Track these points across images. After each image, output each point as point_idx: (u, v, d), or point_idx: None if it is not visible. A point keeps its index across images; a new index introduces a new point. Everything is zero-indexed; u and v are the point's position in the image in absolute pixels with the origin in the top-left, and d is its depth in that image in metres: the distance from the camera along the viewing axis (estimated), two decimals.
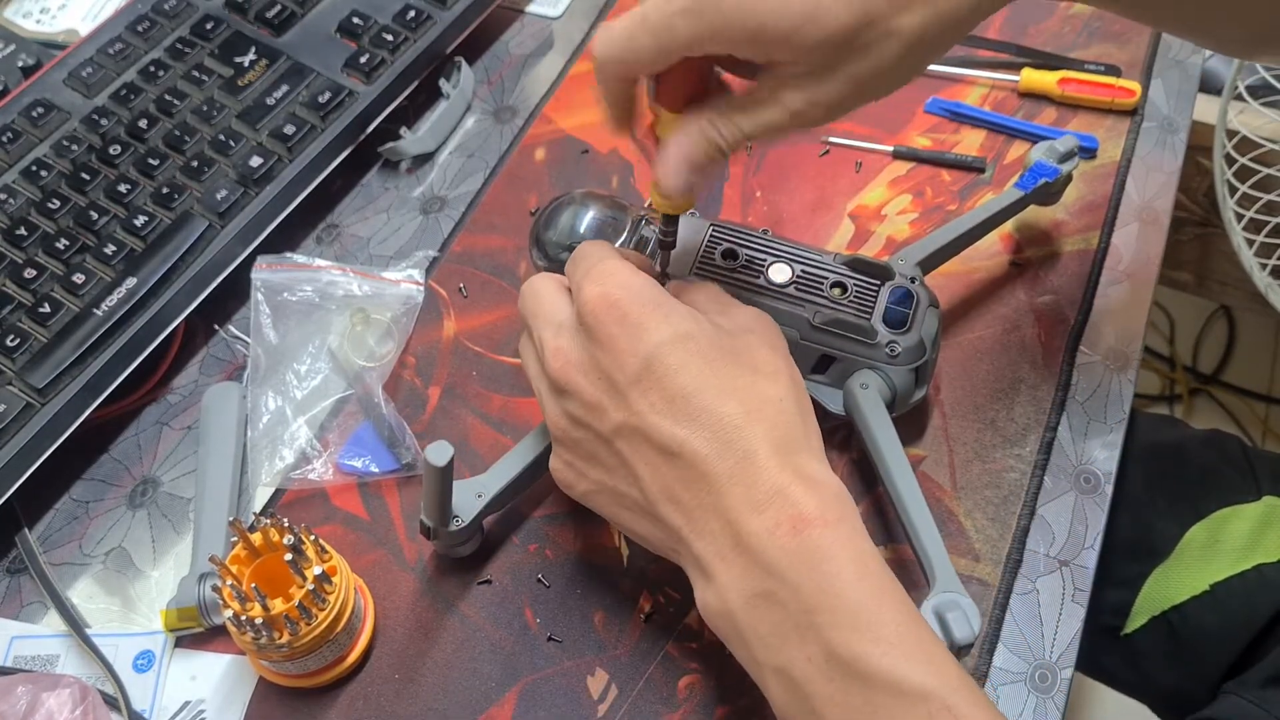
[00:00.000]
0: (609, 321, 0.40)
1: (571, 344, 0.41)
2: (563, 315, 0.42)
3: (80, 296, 0.54)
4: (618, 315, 0.40)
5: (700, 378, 0.39)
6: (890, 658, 0.34)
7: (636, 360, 0.39)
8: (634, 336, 0.39)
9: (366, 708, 0.46)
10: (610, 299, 0.40)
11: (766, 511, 0.37)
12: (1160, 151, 0.62)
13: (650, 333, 0.39)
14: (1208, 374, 1.38)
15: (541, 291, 0.44)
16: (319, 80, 0.62)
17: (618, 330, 0.40)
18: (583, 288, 0.41)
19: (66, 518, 0.53)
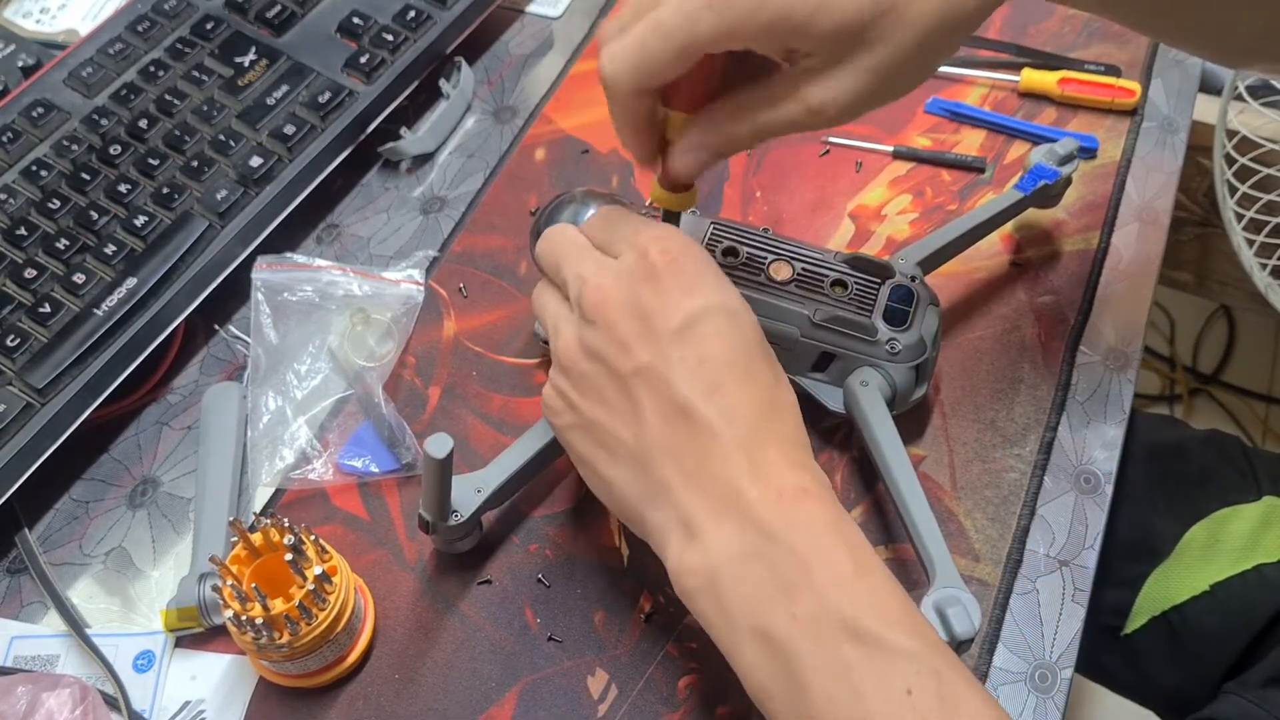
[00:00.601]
0: (668, 269, 0.40)
1: (616, 280, 0.40)
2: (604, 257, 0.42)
3: (80, 296, 0.54)
4: (678, 266, 0.40)
5: (734, 354, 0.39)
6: (879, 620, 0.35)
7: (682, 314, 0.39)
8: (688, 291, 0.39)
9: (366, 708, 0.46)
10: (675, 248, 0.40)
11: (768, 481, 0.37)
12: (1160, 151, 0.62)
13: (704, 293, 0.40)
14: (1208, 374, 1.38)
15: (574, 237, 0.44)
16: (319, 80, 0.62)
17: (673, 280, 0.40)
18: (641, 231, 0.41)
19: (66, 518, 0.53)
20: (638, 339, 0.39)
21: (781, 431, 0.39)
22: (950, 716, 0.33)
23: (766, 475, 0.37)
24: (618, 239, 0.42)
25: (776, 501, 0.37)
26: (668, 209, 0.45)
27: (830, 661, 0.34)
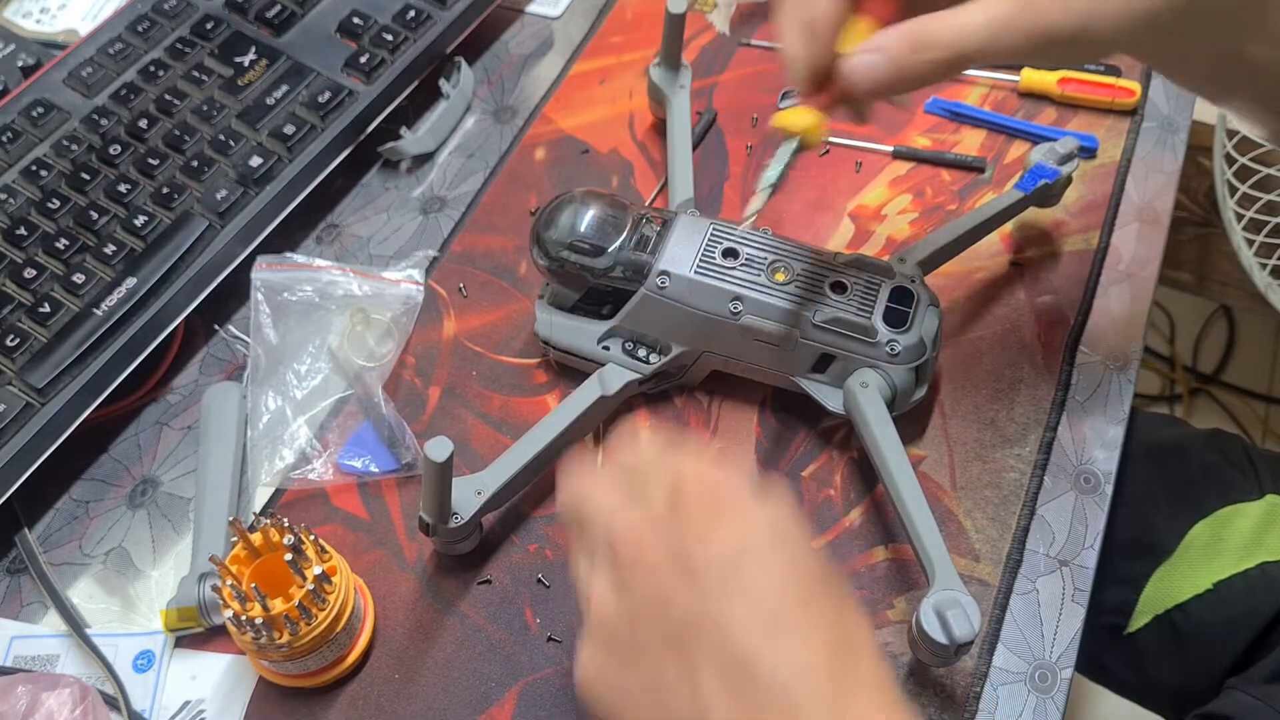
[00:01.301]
0: (707, 503, 0.35)
1: (650, 524, 0.35)
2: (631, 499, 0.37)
3: (80, 296, 0.54)
4: (715, 496, 0.35)
5: (793, 584, 0.34)
6: None
7: (730, 551, 0.34)
8: (731, 522, 0.35)
9: (366, 707, 0.46)
10: (710, 475, 0.36)
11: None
12: (1160, 151, 0.62)
13: (749, 522, 0.35)
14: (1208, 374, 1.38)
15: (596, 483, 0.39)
16: (319, 80, 0.62)
17: (714, 515, 0.35)
18: (669, 462, 0.37)
19: (66, 518, 0.53)
20: (682, 583, 0.34)
21: (863, 671, 0.34)
22: None
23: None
24: (645, 474, 0.37)
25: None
26: (803, 136, 0.41)
27: None
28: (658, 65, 0.62)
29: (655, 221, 0.52)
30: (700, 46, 0.69)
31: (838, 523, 0.50)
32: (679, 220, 0.51)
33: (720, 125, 0.65)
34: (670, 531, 0.35)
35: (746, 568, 0.34)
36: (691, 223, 0.51)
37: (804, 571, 0.35)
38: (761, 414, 0.53)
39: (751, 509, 0.36)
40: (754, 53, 0.68)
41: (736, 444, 0.53)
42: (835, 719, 0.32)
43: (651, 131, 0.65)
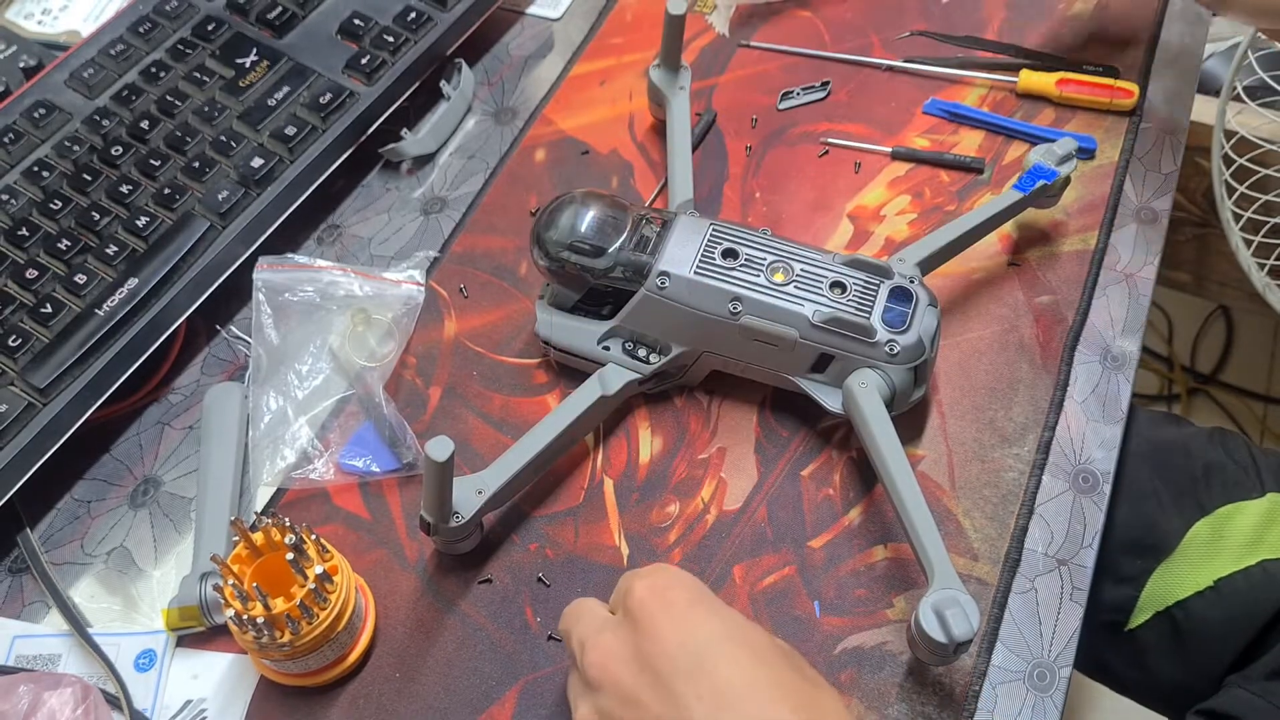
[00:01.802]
0: (657, 611, 0.38)
1: (614, 637, 0.39)
2: (605, 617, 0.41)
3: (82, 297, 0.54)
4: (666, 605, 0.38)
5: (754, 676, 0.36)
6: None
7: (686, 653, 0.37)
8: (685, 628, 0.37)
9: (367, 706, 0.47)
10: (658, 589, 0.39)
11: None
12: (1158, 152, 0.62)
13: (702, 624, 0.38)
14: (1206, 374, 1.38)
15: (584, 604, 0.42)
16: (320, 81, 0.62)
17: (666, 621, 0.38)
18: (633, 586, 0.40)
19: (68, 517, 0.53)
20: (649, 690, 0.37)
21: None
22: None
23: None
24: (617, 594, 0.41)
25: None
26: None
27: None
28: (657, 66, 0.62)
29: (655, 222, 0.52)
30: (700, 48, 0.69)
31: (837, 522, 0.50)
32: (679, 221, 0.52)
33: (720, 126, 0.65)
34: (632, 640, 0.38)
35: (707, 667, 0.36)
36: (691, 223, 0.51)
37: (766, 665, 0.37)
38: (761, 414, 0.54)
39: (705, 611, 0.38)
40: (753, 54, 0.68)
41: (736, 444, 0.53)
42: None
43: (651, 132, 0.65)
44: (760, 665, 0.37)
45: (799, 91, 0.66)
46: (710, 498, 0.51)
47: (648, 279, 0.50)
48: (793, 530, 0.50)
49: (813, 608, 0.48)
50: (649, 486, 0.52)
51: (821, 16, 0.70)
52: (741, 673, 0.36)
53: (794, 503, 0.51)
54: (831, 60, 0.67)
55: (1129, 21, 0.67)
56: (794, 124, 0.64)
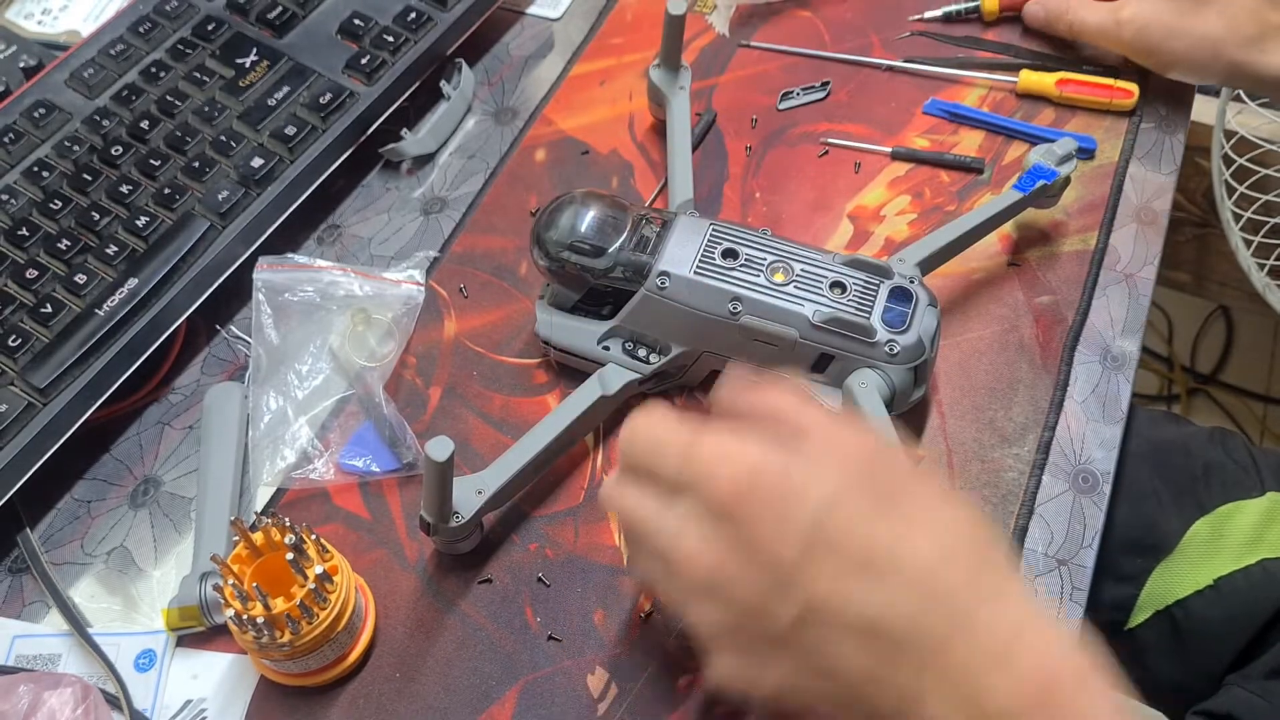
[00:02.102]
0: (752, 501, 0.34)
1: (708, 537, 0.35)
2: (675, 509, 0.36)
3: (82, 297, 0.54)
4: (757, 492, 0.34)
5: (875, 527, 0.34)
6: None
7: (799, 534, 0.34)
8: (786, 507, 0.34)
9: (367, 706, 0.47)
10: (742, 478, 0.35)
11: (1004, 669, 0.32)
12: (1158, 152, 0.62)
13: (806, 497, 0.34)
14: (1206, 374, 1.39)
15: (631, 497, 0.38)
16: (320, 81, 0.62)
17: (765, 508, 0.34)
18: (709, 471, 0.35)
19: (68, 517, 0.53)
20: (774, 586, 0.34)
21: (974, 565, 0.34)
22: None
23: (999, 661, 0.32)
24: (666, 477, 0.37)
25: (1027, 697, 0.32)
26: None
27: None
28: (657, 67, 0.62)
29: (655, 222, 0.52)
30: (700, 48, 0.69)
31: None
32: (679, 221, 0.52)
33: (720, 126, 0.65)
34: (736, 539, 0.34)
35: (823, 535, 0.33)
36: (691, 223, 0.51)
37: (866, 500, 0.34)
38: None
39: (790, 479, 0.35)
40: (753, 54, 0.68)
41: None
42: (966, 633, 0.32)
43: (651, 132, 0.65)
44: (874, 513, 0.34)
45: (799, 91, 0.66)
46: None
47: (648, 279, 0.50)
48: None
49: None
50: None
51: (821, 16, 0.70)
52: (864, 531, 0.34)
53: None
54: (831, 60, 0.67)
55: None
56: (794, 124, 0.64)
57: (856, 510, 0.34)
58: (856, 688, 0.34)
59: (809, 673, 0.34)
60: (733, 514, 0.35)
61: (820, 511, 0.34)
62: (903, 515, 0.35)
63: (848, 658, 0.33)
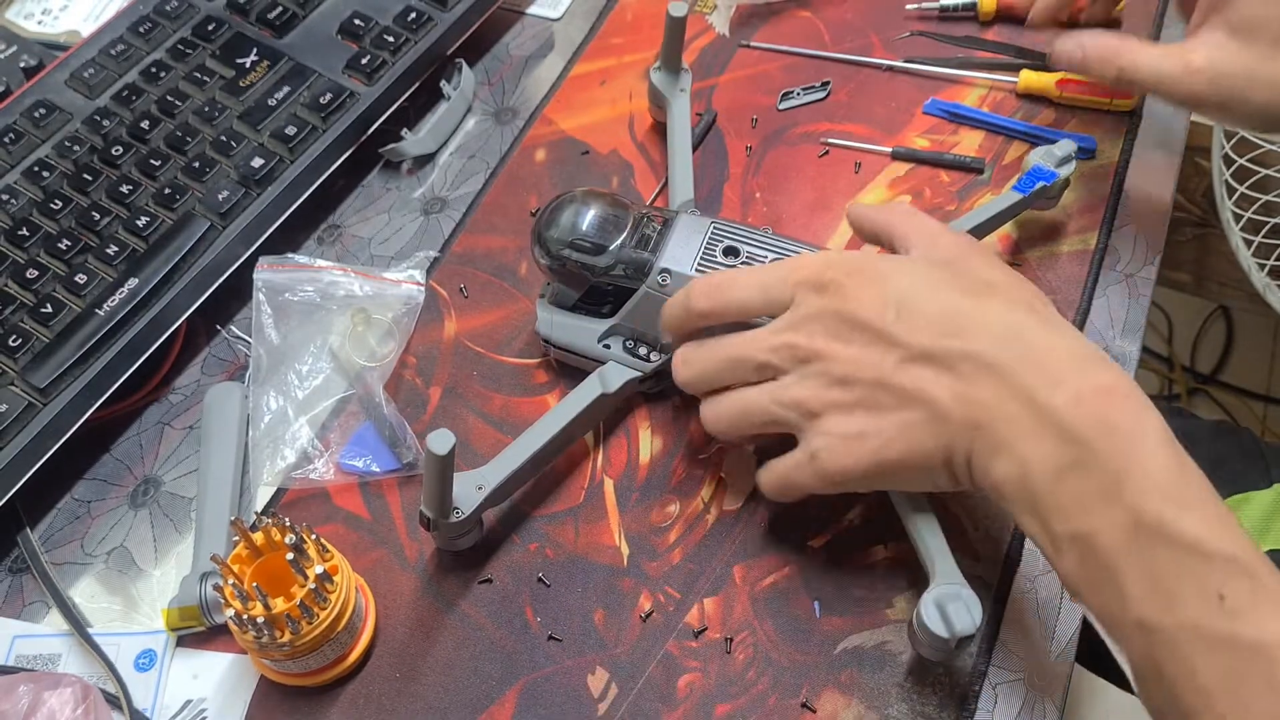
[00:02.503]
0: (848, 280, 0.43)
1: (816, 317, 0.43)
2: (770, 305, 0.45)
3: (82, 297, 0.54)
4: (855, 273, 0.43)
5: (952, 295, 0.42)
6: (1195, 522, 0.35)
7: (888, 303, 0.42)
8: (877, 284, 0.43)
9: (368, 706, 0.47)
10: (845, 263, 0.44)
11: (1065, 385, 0.38)
12: (1158, 152, 0.62)
13: (891, 276, 0.43)
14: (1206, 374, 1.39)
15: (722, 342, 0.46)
16: (320, 81, 0.62)
17: (859, 283, 0.43)
18: (801, 263, 0.45)
19: (68, 517, 0.53)
20: (872, 345, 0.42)
21: (1040, 319, 0.41)
22: (1262, 619, 0.34)
23: (1061, 379, 0.38)
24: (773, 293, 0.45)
25: (1078, 405, 0.37)
26: None
27: (1146, 567, 0.35)
28: (658, 69, 0.62)
29: (656, 220, 0.52)
30: (700, 48, 0.69)
31: (837, 522, 0.50)
32: (680, 219, 0.52)
33: (720, 126, 0.65)
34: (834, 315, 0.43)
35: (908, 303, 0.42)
36: (692, 221, 0.51)
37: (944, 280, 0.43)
38: None
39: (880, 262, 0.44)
40: (754, 54, 0.68)
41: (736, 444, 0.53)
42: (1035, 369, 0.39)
43: (651, 133, 0.65)
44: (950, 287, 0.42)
45: (799, 92, 0.66)
46: (710, 498, 0.51)
47: (649, 276, 0.50)
48: (793, 530, 0.50)
49: (813, 608, 0.48)
50: (649, 486, 0.52)
51: (821, 16, 0.70)
52: (943, 299, 0.42)
53: (794, 503, 0.51)
54: (831, 60, 0.67)
55: (1129, 21, 0.67)
56: (794, 124, 0.64)
57: (935, 286, 0.42)
58: (949, 410, 0.40)
59: (907, 407, 0.41)
60: (834, 292, 0.43)
61: (906, 287, 0.42)
62: (980, 290, 0.42)
63: (941, 383, 0.40)
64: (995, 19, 0.68)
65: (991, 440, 0.39)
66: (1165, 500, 0.35)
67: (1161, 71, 0.50)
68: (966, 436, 0.40)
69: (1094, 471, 0.37)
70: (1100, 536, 0.36)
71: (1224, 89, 0.49)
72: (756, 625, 0.48)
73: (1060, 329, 0.41)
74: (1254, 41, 0.48)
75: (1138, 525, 0.35)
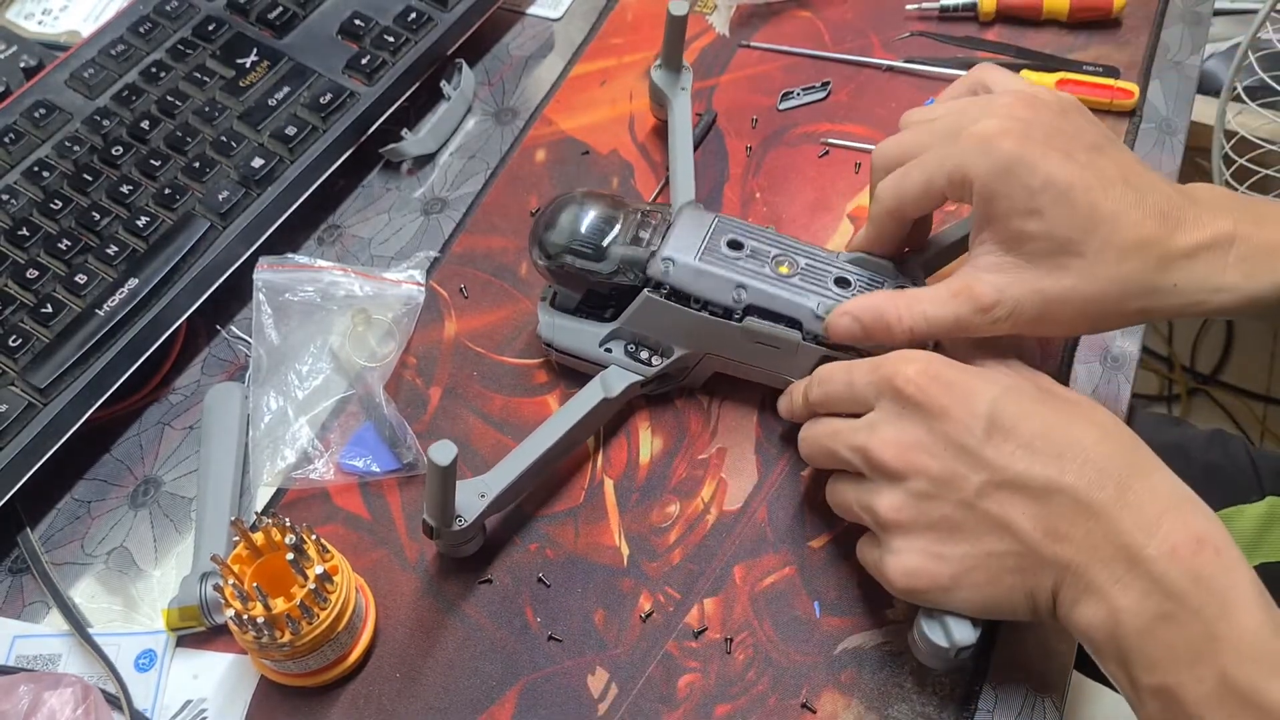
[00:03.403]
0: (939, 393, 0.41)
1: (898, 428, 0.41)
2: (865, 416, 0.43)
3: (82, 297, 0.54)
4: (944, 385, 0.41)
5: (1044, 418, 0.40)
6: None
7: (979, 420, 0.40)
8: (968, 399, 0.40)
9: (368, 706, 0.47)
10: (931, 372, 0.41)
11: (1159, 533, 0.37)
12: (1159, 152, 0.62)
13: (981, 392, 0.41)
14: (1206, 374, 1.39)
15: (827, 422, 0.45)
16: (320, 81, 0.62)
17: (950, 398, 0.40)
18: (895, 371, 0.42)
19: (68, 517, 0.53)
20: (960, 464, 0.40)
21: (1132, 455, 0.39)
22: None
23: (1155, 526, 0.37)
24: (856, 392, 0.43)
25: (1172, 557, 0.36)
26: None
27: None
28: (659, 68, 0.62)
29: (654, 217, 0.52)
30: (700, 48, 0.69)
31: (837, 522, 0.50)
32: (684, 212, 0.52)
33: (720, 126, 0.65)
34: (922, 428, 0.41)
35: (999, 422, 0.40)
36: (696, 215, 0.51)
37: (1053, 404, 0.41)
38: (761, 414, 0.54)
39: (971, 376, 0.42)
40: (754, 54, 0.68)
41: (736, 444, 0.53)
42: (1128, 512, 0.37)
43: (652, 133, 0.65)
44: (1042, 407, 0.41)
45: (799, 92, 0.66)
46: (710, 498, 0.51)
47: (651, 264, 0.50)
48: (793, 530, 0.50)
49: (813, 608, 0.48)
50: (649, 487, 0.52)
51: (821, 17, 0.70)
52: (1036, 420, 0.40)
53: (794, 503, 0.51)
54: (831, 60, 0.67)
55: (1129, 21, 0.67)
56: (794, 124, 0.64)
57: (1024, 402, 0.40)
58: (1037, 546, 0.39)
59: (991, 535, 0.39)
60: (921, 405, 0.41)
61: (995, 404, 0.40)
62: (1059, 410, 0.41)
63: (1030, 515, 0.39)
64: (995, 19, 0.68)
65: (1081, 583, 0.38)
66: (1256, 664, 0.35)
67: (960, 316, 0.44)
68: (1052, 574, 0.39)
69: (1185, 627, 0.36)
70: (1186, 691, 0.36)
71: (1027, 317, 0.43)
72: (756, 625, 0.48)
73: (1151, 464, 0.40)
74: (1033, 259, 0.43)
75: (1226, 687, 0.35)
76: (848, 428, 0.43)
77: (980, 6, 0.67)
